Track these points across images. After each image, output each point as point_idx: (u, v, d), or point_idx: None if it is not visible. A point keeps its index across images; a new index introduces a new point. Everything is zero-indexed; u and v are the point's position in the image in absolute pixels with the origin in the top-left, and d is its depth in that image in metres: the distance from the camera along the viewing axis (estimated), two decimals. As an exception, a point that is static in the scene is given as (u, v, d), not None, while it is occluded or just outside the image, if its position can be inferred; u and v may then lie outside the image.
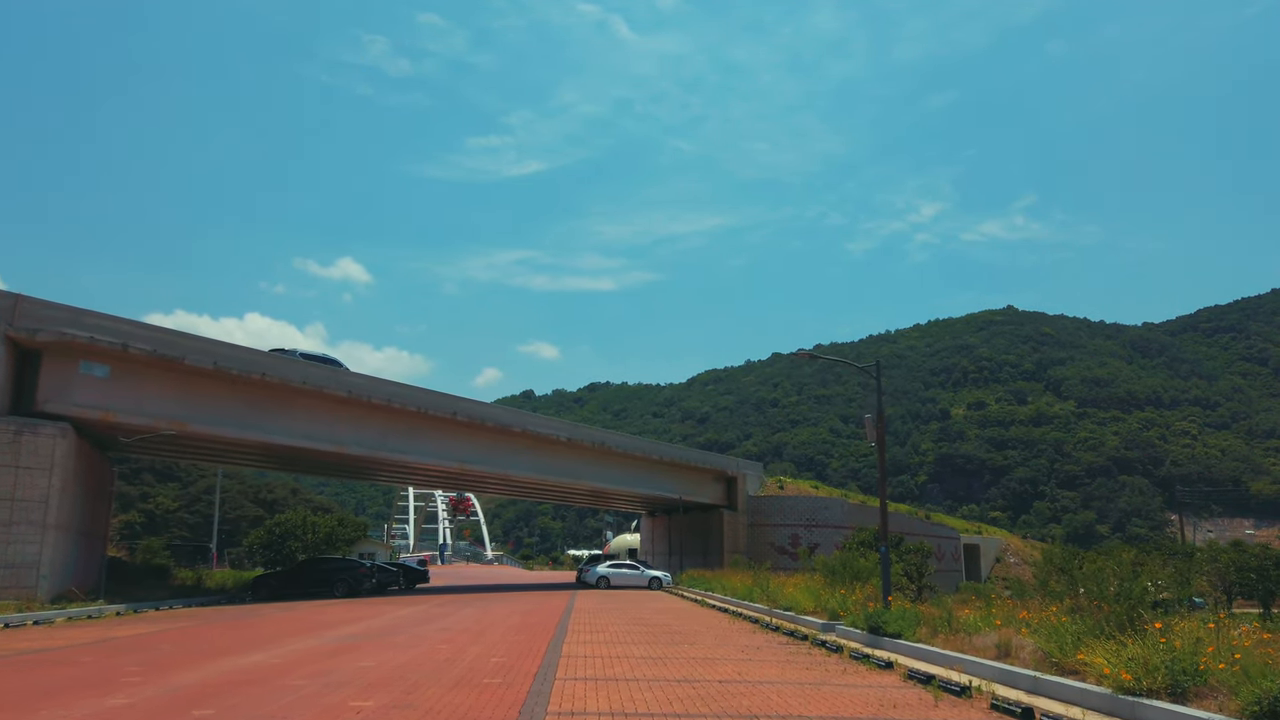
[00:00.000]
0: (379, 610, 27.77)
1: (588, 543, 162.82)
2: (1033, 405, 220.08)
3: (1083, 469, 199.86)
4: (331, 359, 40.80)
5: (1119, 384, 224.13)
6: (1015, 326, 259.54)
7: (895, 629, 16.43)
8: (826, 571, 25.01)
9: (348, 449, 39.17)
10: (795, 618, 23.57)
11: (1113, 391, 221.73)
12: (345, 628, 20.47)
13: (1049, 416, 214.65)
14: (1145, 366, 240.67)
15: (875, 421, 18.72)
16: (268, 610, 28.23)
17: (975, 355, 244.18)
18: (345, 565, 40.22)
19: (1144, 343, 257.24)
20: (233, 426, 34.79)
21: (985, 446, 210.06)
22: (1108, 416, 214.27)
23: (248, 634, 18.84)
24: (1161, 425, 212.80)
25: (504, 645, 16.39)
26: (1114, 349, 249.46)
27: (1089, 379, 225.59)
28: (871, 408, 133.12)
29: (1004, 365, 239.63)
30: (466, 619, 23.65)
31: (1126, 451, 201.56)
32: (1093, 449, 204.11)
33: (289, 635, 18.29)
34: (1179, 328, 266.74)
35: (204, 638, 17.96)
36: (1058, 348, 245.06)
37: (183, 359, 32.13)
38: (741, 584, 33.92)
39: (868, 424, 18.81)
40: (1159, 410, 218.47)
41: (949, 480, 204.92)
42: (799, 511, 59.36)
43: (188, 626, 21.02)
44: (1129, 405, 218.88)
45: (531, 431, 47.10)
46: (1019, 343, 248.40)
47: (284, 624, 21.84)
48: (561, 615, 25.66)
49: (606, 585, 48.16)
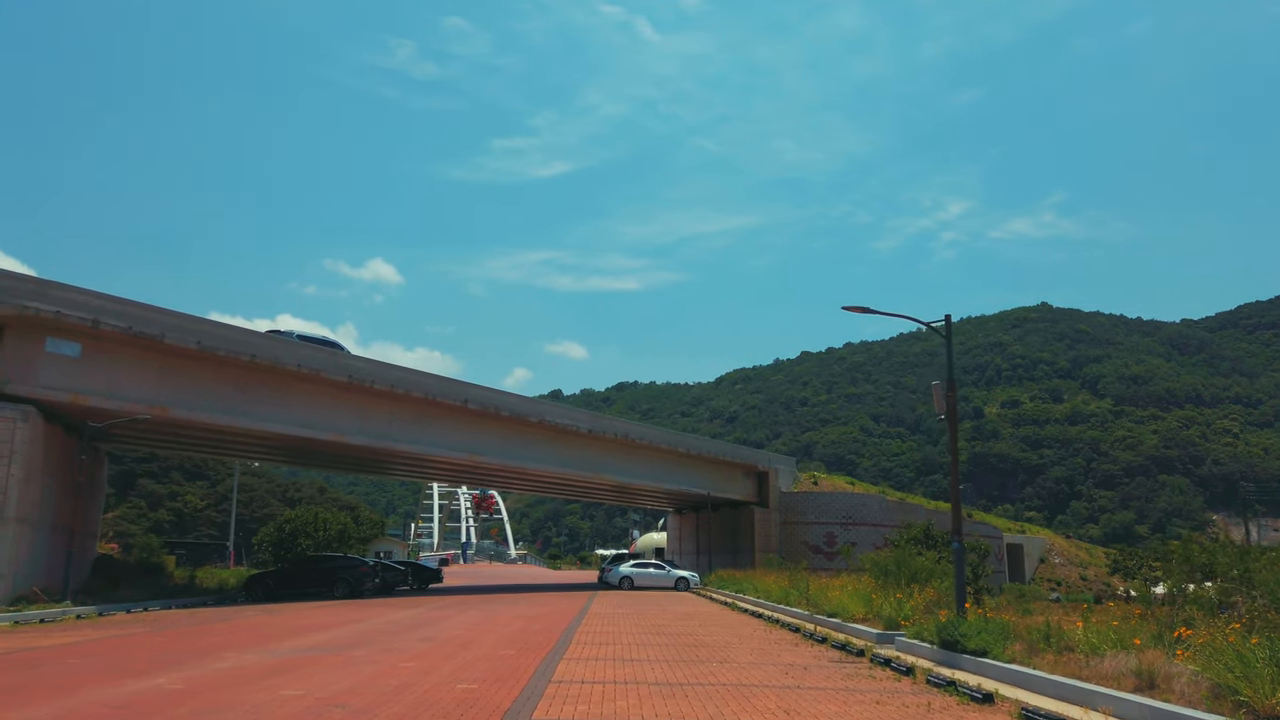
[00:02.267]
0: (370, 613, 24.77)
1: (615, 542, 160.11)
2: (1068, 403, 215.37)
3: (1121, 468, 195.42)
4: (332, 341, 37.85)
5: (1157, 381, 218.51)
6: (1049, 324, 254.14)
7: (978, 644, 13.13)
8: (877, 572, 21.67)
9: (349, 438, 36.22)
10: (842, 625, 20.30)
11: (1151, 389, 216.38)
12: (312, 636, 17.43)
13: (1085, 415, 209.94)
14: (1184, 364, 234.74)
15: (945, 390, 15.43)
16: (247, 613, 25.31)
17: (1009, 353, 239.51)
18: (346, 564, 37.25)
19: (1183, 339, 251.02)
20: (220, 413, 31.87)
21: (1020, 445, 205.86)
22: (1146, 415, 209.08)
23: (190, 644, 15.85)
24: (1202, 423, 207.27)
25: (485, 663, 13.24)
26: (1152, 346, 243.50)
27: (1126, 376, 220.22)
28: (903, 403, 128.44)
29: (1038, 363, 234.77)
30: (460, 625, 20.54)
31: (1166, 450, 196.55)
32: (1131, 448, 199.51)
33: (236, 646, 15.28)
34: (1218, 324, 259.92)
35: (131, 650, 14.96)
36: (1093, 345, 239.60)
37: (162, 337, 29.24)
38: (776, 585, 30.64)
39: (936, 392, 15.56)
40: (1199, 408, 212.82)
41: (983, 480, 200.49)
42: (834, 509, 55.95)
43: (135, 634, 18.07)
44: (1168, 403, 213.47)
45: (549, 422, 43.97)
46: (1053, 340, 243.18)
47: (246, 630, 18.86)
48: (571, 620, 22.53)
49: (630, 586, 45.03)
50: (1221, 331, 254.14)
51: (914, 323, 16.37)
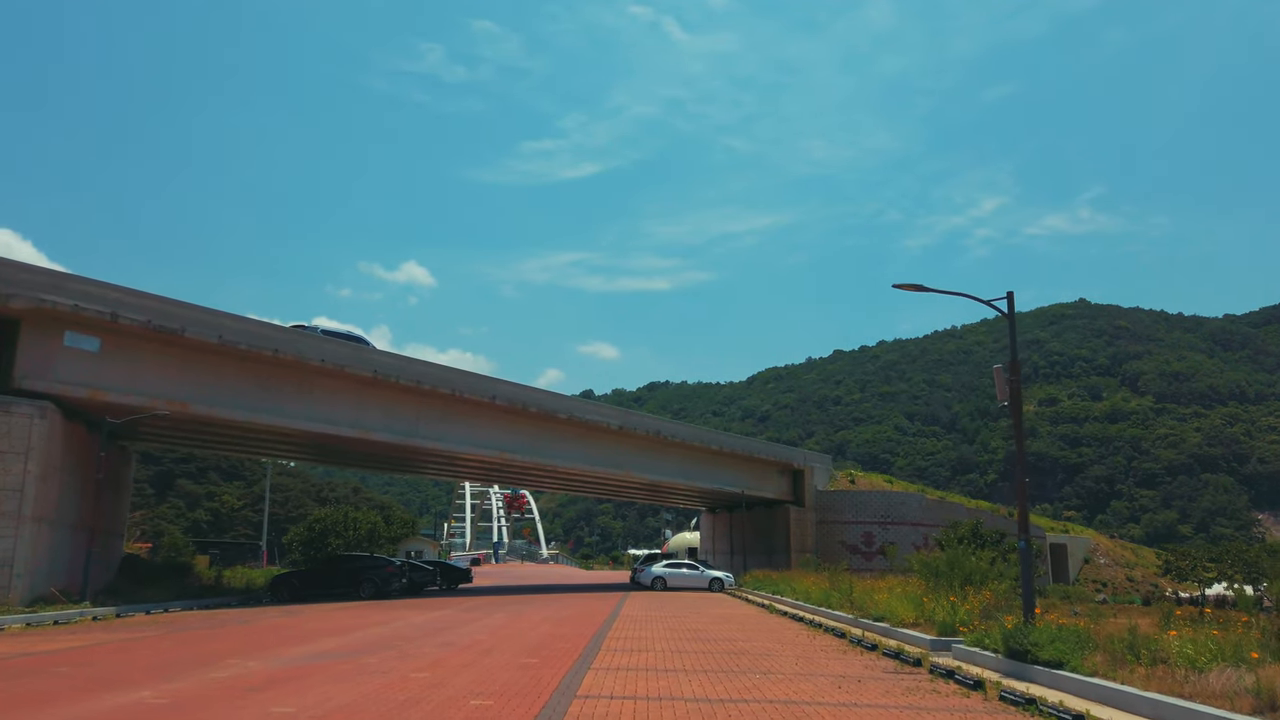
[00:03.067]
0: (394, 615, 23.79)
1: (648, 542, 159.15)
2: (1108, 401, 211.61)
3: (1162, 467, 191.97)
4: (356, 335, 36.94)
5: (1200, 378, 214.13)
6: (1088, 320, 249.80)
7: (1053, 655, 11.82)
8: (927, 573, 20.31)
9: (374, 434, 35.32)
10: (890, 630, 19.03)
11: (1193, 386, 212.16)
12: (326, 641, 16.42)
13: (1125, 412, 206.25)
14: (1227, 360, 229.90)
15: (1008, 374, 14.12)
16: (268, 615, 24.44)
17: (1046, 350, 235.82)
18: (372, 564, 36.35)
19: (1225, 335, 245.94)
20: (242, 409, 31.06)
21: (1058, 444, 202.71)
22: (1188, 412, 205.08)
23: (196, 649, 14.88)
24: (1246, 421, 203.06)
25: (505, 674, 12.13)
26: (1193, 342, 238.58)
27: (1167, 373, 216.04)
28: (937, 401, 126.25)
29: (1076, 360, 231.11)
30: (485, 629, 19.47)
31: (1209, 448, 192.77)
32: (1173, 446, 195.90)
33: (242, 652, 14.28)
34: (1263, 319, 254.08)
35: (131, 657, 14.01)
36: (1133, 341, 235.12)
37: (182, 332, 28.45)
38: (816, 587, 29.34)
39: (998, 377, 14.26)
40: (1243, 405, 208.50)
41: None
42: (872, 507, 54.45)
43: (144, 638, 17.16)
44: (1210, 400, 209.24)
45: (579, 418, 42.89)
46: (1091, 337, 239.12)
47: (259, 634, 17.91)
48: (602, 624, 21.40)
49: (663, 586, 43.86)
50: (1266, 327, 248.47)
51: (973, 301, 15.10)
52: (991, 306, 14.67)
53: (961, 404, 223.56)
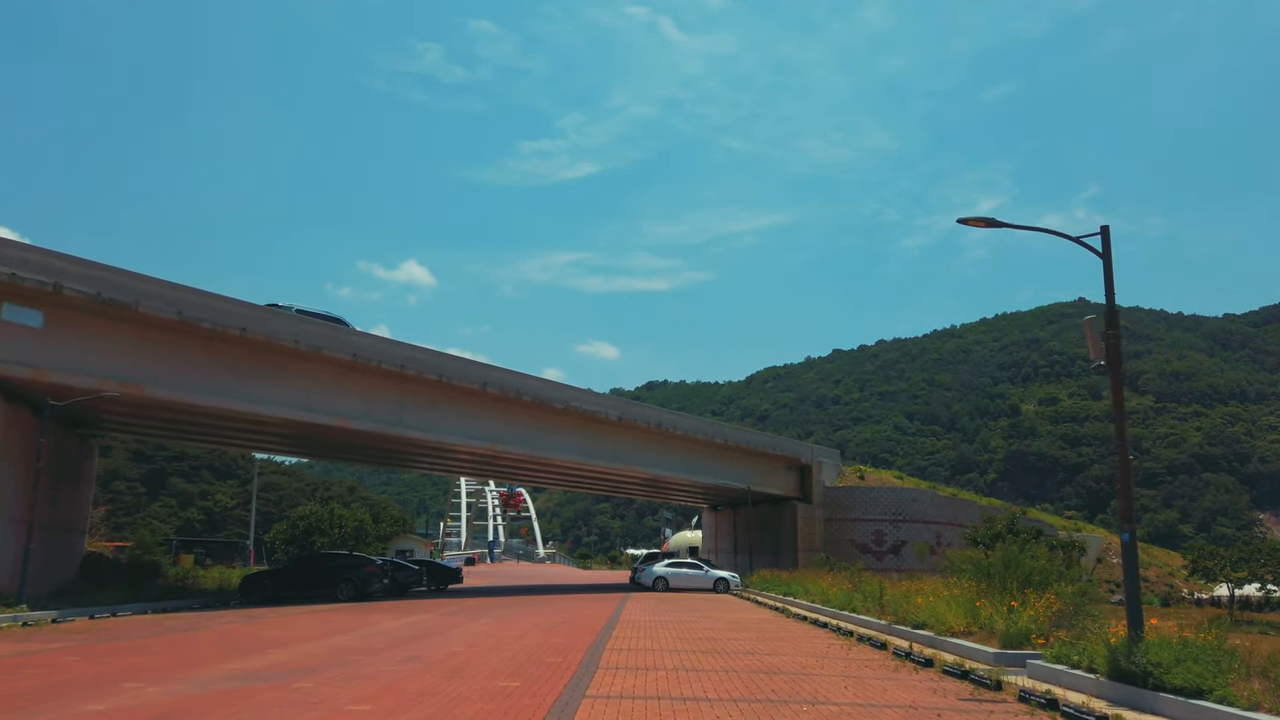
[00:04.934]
0: (366, 620, 21.07)
1: (646, 541, 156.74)
2: (1108, 400, 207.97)
3: (1163, 466, 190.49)
4: (335, 317, 34.08)
5: (1200, 377, 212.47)
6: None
7: (1188, 680, 9.14)
8: (977, 573, 17.58)
9: (354, 423, 32.57)
10: (935, 640, 16.36)
11: (1193, 385, 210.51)
12: (268, 655, 13.64)
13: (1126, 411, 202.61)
14: (1227, 359, 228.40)
15: (1103, 330, 11.44)
16: (224, 620, 21.69)
17: (1045, 349, 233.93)
18: (351, 563, 33.53)
19: (1225, 334, 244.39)
20: (205, 393, 28.26)
21: (1058, 443, 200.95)
22: (1189, 411, 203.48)
23: (101, 667, 12.11)
24: (1247, 420, 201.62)
25: (471, 706, 9.33)
26: (1193, 341, 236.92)
27: (1168, 372, 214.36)
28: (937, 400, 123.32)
29: (1076, 359, 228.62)
30: (464, 638, 16.71)
31: (1210, 448, 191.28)
32: (1173, 445, 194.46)
33: (153, 672, 11.53)
34: (1263, 319, 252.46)
35: (10, 679, 11.26)
36: (1133, 340, 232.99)
37: (135, 306, 25.66)
38: (835, 589, 26.69)
39: (1090, 331, 11.55)
40: (1244, 404, 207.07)
41: (1020, 478, 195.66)
42: (883, 504, 51.77)
43: (52, 651, 14.41)
44: (1211, 399, 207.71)
45: (576, 409, 40.17)
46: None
47: (196, 645, 15.15)
48: (600, 631, 18.67)
49: (664, 587, 41.18)
50: (1266, 326, 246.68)
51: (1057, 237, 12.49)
52: (1082, 244, 12.04)
53: (961, 403, 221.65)
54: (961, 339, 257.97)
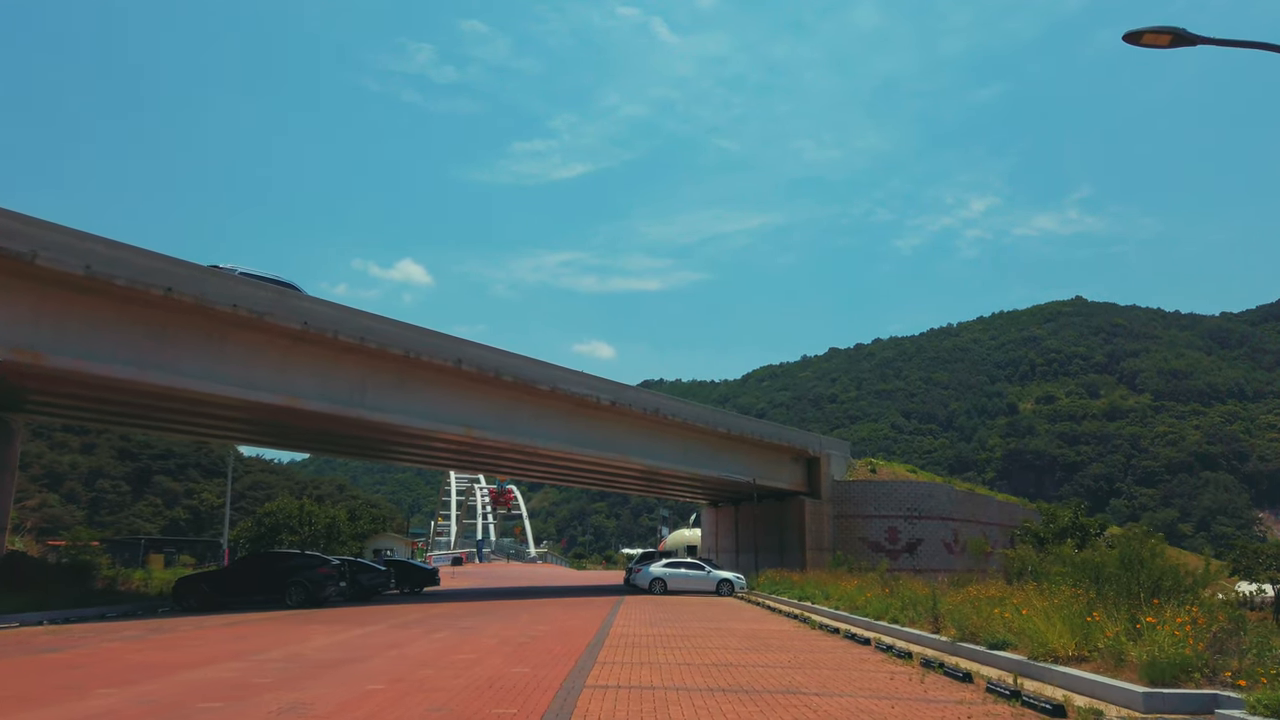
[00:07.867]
0: (294, 635, 16.75)
1: (642, 541, 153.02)
2: (1106, 399, 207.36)
3: (1162, 465, 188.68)
4: (285, 282, 29.60)
5: (1198, 376, 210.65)
6: (1084, 318, 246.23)
7: None
8: (1085, 576, 13.30)
9: (305, 402, 28.15)
10: (1029, 666, 12.11)
11: (1192, 384, 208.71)
12: (92, 698, 9.22)
13: (1124, 410, 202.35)
14: (1225, 358, 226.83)
15: None
16: (121, 633, 17.30)
17: (1043, 348, 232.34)
18: (303, 563, 29.09)
19: (1223, 333, 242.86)
20: (122, 363, 23.80)
21: (1056, 442, 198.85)
22: (1187, 410, 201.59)
23: None
24: (1246, 418, 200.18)
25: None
26: (1191, 340, 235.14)
27: (1165, 371, 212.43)
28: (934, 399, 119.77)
29: (1074, 358, 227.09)
30: (392, 669, 12.15)
31: (1209, 446, 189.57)
32: (1172, 444, 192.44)
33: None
34: (1260, 317, 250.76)
35: None
36: (1131, 339, 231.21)
37: (32, 257, 21.25)
38: (867, 594, 22.48)
39: None
40: (1242, 403, 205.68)
41: (1017, 477, 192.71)
42: (896, 500, 47.60)
43: None
44: (1209, 398, 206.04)
45: (564, 391, 35.85)
46: (1089, 334, 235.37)
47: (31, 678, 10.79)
48: (583, 651, 14.35)
49: (662, 589, 36.92)
50: (1264, 325, 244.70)
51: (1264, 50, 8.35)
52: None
53: (959, 401, 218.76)
54: (959, 337, 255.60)
